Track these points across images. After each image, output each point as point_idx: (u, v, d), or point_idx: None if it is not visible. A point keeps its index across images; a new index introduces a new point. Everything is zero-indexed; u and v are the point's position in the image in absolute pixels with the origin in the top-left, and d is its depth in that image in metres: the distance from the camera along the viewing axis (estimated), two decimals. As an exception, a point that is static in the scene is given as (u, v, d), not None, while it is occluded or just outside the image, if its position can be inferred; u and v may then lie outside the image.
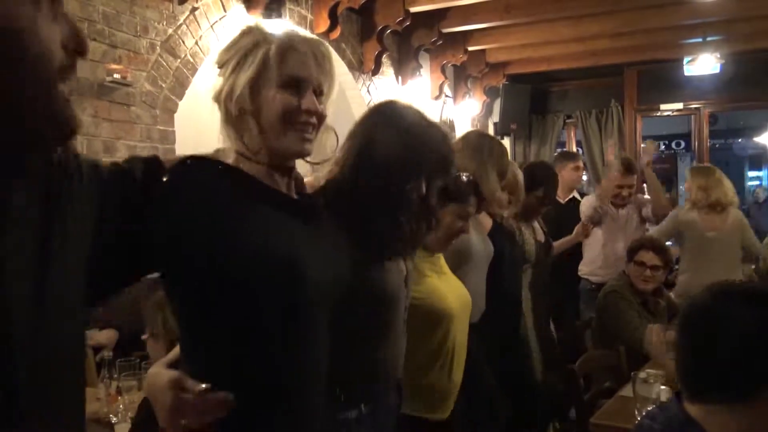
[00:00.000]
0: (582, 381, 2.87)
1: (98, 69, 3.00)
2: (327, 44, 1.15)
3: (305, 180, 1.89)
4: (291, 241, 1.07)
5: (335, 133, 1.21)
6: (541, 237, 3.21)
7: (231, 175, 1.08)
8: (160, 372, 1.07)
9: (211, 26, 3.65)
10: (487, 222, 2.57)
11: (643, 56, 6.31)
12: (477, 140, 2.43)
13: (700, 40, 5.92)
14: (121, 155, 3.09)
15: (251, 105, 1.08)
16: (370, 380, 1.38)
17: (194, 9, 3.53)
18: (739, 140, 12.10)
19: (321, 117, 1.13)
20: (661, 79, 6.60)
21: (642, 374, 2.09)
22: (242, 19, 3.83)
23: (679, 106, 6.81)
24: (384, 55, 5.18)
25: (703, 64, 6.00)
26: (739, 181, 12.26)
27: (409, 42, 5.46)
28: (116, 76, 3.04)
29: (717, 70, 6.01)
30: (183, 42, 3.45)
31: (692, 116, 6.97)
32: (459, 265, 2.15)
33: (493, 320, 2.32)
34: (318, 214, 1.19)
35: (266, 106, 1.08)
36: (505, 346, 2.51)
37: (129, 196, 0.95)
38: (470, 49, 5.90)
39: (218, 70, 1.12)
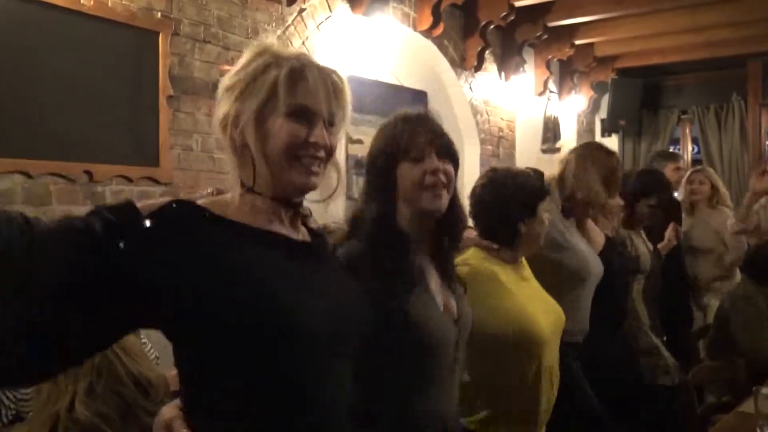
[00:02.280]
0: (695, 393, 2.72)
1: (212, 70, 3.16)
2: (340, 73, 1.09)
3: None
4: (285, 287, 0.97)
5: (340, 171, 1.11)
6: (650, 245, 3.06)
7: (217, 223, 0.98)
8: (166, 411, 1.05)
9: (317, 26, 3.75)
10: (600, 239, 2.47)
11: (768, 47, 5.85)
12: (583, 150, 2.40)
13: (836, 27, 5.41)
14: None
15: (256, 134, 0.99)
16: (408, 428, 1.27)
17: (302, 10, 3.64)
18: None
19: (330, 151, 1.05)
20: (788, 71, 6.09)
21: (766, 389, 1.94)
22: (347, 18, 3.91)
23: (809, 99, 6.26)
24: (486, 51, 5.11)
25: (841, 53, 5.48)
26: None
27: (512, 37, 5.35)
28: (228, 76, 3.19)
29: None
30: (291, 42, 3.57)
31: (824, 111, 6.39)
32: (573, 285, 2.09)
33: (598, 335, 2.23)
34: (323, 254, 1.12)
35: (272, 137, 1.00)
36: (606, 361, 2.41)
37: (83, 253, 0.84)
38: (577, 42, 5.69)
39: (225, 93, 1.03)
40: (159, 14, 2.94)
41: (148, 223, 0.91)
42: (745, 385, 2.40)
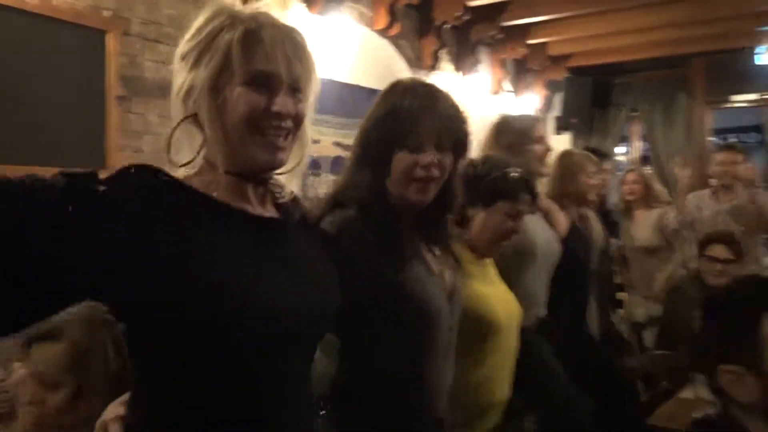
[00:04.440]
0: (641, 381, 2.83)
1: (164, 70, 3.12)
2: (301, 32, 0.97)
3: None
4: (244, 267, 0.88)
5: (307, 138, 1.01)
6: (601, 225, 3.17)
7: (180, 190, 0.89)
8: (110, 409, 1.00)
9: (272, 26, 3.73)
10: (563, 223, 2.53)
11: (712, 46, 6.05)
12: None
13: (774, 27, 5.65)
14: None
15: (211, 106, 0.90)
16: (403, 409, 1.23)
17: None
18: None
19: (298, 120, 0.95)
20: (731, 69, 6.32)
21: (703, 376, 2.03)
22: (303, 17, 3.90)
23: (752, 97, 6.50)
24: (442, 51, 5.16)
25: (778, 53, 5.72)
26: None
27: (468, 36, 5.42)
28: (181, 76, 3.15)
29: (793, 59, 5.71)
30: (244, 42, 3.55)
31: (765, 108, 6.65)
32: (520, 265, 2.10)
33: (561, 323, 2.28)
34: (293, 232, 1.02)
35: (229, 108, 0.90)
36: (569, 347, 2.48)
37: (41, 210, 0.78)
38: (531, 42, 5.80)
39: (180, 63, 0.94)
40: (107, 13, 2.89)
41: (102, 188, 0.83)
42: (687, 373, 2.49)
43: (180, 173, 0.94)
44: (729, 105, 6.76)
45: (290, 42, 0.94)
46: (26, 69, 2.57)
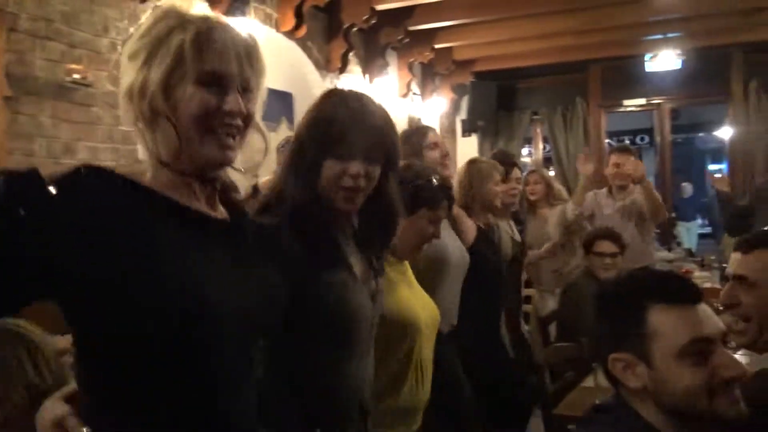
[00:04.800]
0: (548, 374, 2.94)
1: (57, 69, 2.94)
2: (253, 34, 1.01)
3: (263, 180, 1.81)
4: (196, 267, 0.91)
5: (265, 134, 1.05)
6: (517, 236, 3.26)
7: (131, 190, 0.91)
8: (52, 405, 0.97)
9: (174, 25, 3.61)
10: (471, 229, 2.58)
11: (606, 53, 6.43)
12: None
13: (660, 36, 6.07)
14: (82, 157, 3.03)
15: (165, 105, 0.92)
16: (329, 405, 1.28)
17: (156, 7, 3.48)
18: (701, 135, 12.39)
19: (247, 118, 0.98)
20: (623, 75, 6.74)
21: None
22: (206, 17, 3.80)
23: (642, 101, 6.96)
24: (350, 54, 5.18)
25: (664, 60, 6.14)
26: (700, 174, 12.55)
27: (375, 40, 5.46)
28: (76, 76, 2.99)
29: (678, 66, 6.15)
30: (145, 41, 3.41)
31: (654, 111, 7.13)
32: (434, 274, 2.12)
33: (474, 329, 2.33)
34: (243, 233, 1.04)
35: (181, 107, 0.93)
36: (486, 353, 2.54)
37: None
38: (437, 46, 5.93)
39: (129, 62, 0.95)
40: (-8, 8, 2.69)
41: (53, 190, 0.83)
42: (589, 363, 2.62)
43: (124, 171, 0.95)
44: (622, 109, 7.19)
45: (241, 43, 0.97)
46: None
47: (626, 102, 7.01)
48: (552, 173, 6.24)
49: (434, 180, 1.87)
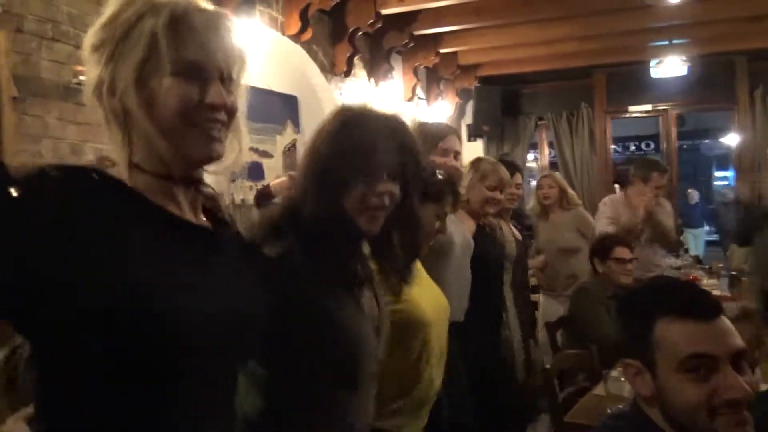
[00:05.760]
0: (557, 380, 2.91)
1: (63, 70, 2.93)
2: (229, 16, 0.91)
3: (278, 181, 1.77)
4: (170, 278, 0.83)
5: (241, 133, 0.95)
6: (518, 235, 3.24)
7: (110, 190, 0.83)
8: (12, 423, 0.95)
9: (180, 27, 3.60)
10: (470, 224, 2.56)
11: (612, 59, 6.41)
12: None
13: (666, 42, 6.05)
14: (88, 159, 3.02)
15: (138, 101, 0.83)
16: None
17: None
18: (707, 141, 12.38)
19: (231, 111, 0.89)
20: (629, 81, 6.72)
21: (614, 372, 2.11)
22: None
23: (648, 107, 6.94)
24: (356, 57, 5.17)
25: (670, 66, 6.12)
26: (706, 181, 12.54)
27: (380, 44, 5.46)
28: (82, 78, 2.97)
29: (684, 72, 6.13)
30: (151, 43, 3.40)
31: (660, 117, 7.11)
32: (438, 260, 2.10)
33: (477, 321, 2.30)
34: (224, 243, 0.96)
35: (159, 102, 0.83)
36: (486, 347, 2.51)
37: None
38: (442, 51, 5.92)
39: (93, 54, 0.86)
40: (-1, 9, 2.69)
41: (14, 192, 0.76)
42: (599, 370, 2.59)
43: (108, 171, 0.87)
44: (628, 115, 7.17)
45: (222, 27, 0.88)
46: None
47: (632, 108, 6.99)
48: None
49: (439, 174, 1.84)
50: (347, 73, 5.12)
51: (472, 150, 6.90)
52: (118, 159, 0.86)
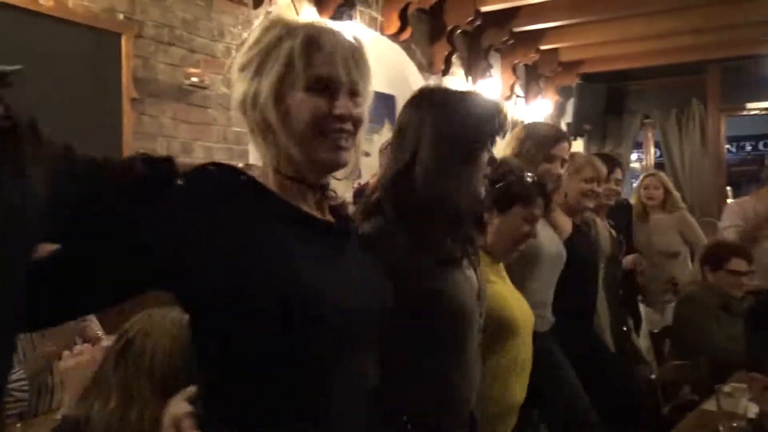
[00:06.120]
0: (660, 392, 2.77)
1: (177, 73, 3.11)
2: (359, 37, 1.02)
3: (373, 181, 1.81)
4: (313, 266, 0.93)
5: (357, 143, 1.04)
6: (613, 232, 3.11)
7: (254, 190, 0.95)
8: (175, 404, 1.00)
9: (284, 30, 3.72)
10: (567, 225, 2.49)
11: (727, 53, 6.00)
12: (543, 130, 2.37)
13: (790, 34, 5.60)
14: (198, 156, 3.19)
15: (276, 112, 0.94)
16: (441, 409, 1.26)
17: (268, 13, 3.61)
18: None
19: (357, 122, 0.99)
20: (747, 76, 6.26)
21: (727, 388, 1.99)
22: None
23: (767, 104, 6.45)
24: (454, 56, 5.14)
25: (794, 59, 5.67)
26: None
27: (479, 42, 5.40)
28: (194, 79, 3.15)
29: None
30: (257, 46, 3.54)
31: (781, 115, 6.59)
32: (524, 270, 2.05)
33: (570, 327, 2.24)
34: (349, 237, 1.06)
35: (293, 113, 0.94)
36: (580, 355, 2.43)
37: (115, 190, 0.87)
38: (542, 48, 5.78)
39: (240, 73, 0.98)
40: (121, 16, 2.88)
41: (179, 182, 0.89)
42: (708, 384, 2.44)
43: (252, 172, 0.99)
44: (745, 112, 6.69)
45: (349, 46, 0.98)
46: (42, 71, 2.56)
47: (749, 105, 6.51)
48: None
49: (527, 177, 1.82)
50: (445, 72, 5.11)
51: (572, 150, 6.70)
52: (259, 161, 0.99)
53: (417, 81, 4.94)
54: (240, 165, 1.03)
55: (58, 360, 1.76)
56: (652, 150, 7.11)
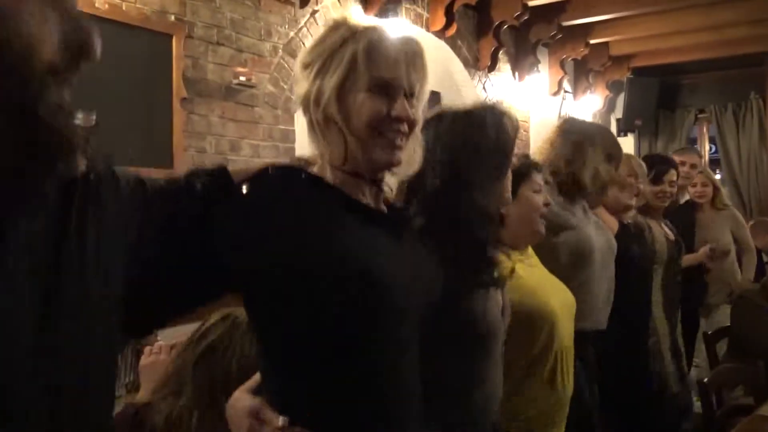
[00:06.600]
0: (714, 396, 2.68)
1: (225, 72, 3.17)
2: (419, 41, 1.06)
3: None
4: (378, 256, 0.98)
5: (419, 142, 1.09)
6: (671, 236, 3.02)
7: (316, 186, 1.01)
8: (241, 397, 1.03)
9: (330, 28, 3.75)
10: (612, 223, 2.44)
11: (788, 44, 5.76)
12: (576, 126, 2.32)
13: None
14: (245, 154, 3.25)
15: (338, 111, 0.98)
16: (464, 422, 1.28)
17: (314, 12, 3.65)
18: None
19: (413, 123, 1.03)
20: (809, 68, 6.00)
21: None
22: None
23: (832, 97, 6.16)
24: (500, 51, 5.09)
25: None
26: None
27: (526, 37, 5.32)
28: (242, 78, 3.21)
29: None
30: (304, 44, 3.57)
31: None
32: (577, 265, 2.02)
33: (617, 327, 2.19)
34: (407, 229, 1.11)
35: (354, 113, 0.98)
36: (630, 354, 2.37)
37: (185, 212, 0.90)
38: (592, 42, 5.66)
39: (303, 71, 1.02)
40: (172, 17, 2.95)
41: (245, 189, 0.95)
42: (764, 388, 2.36)
43: (311, 169, 1.04)
44: (807, 106, 6.41)
45: (409, 50, 1.03)
46: (97, 72, 2.65)
47: (812, 98, 6.24)
48: (718, 176, 5.70)
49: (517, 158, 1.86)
50: (491, 68, 5.06)
51: (624, 147, 6.53)
52: (317, 159, 1.04)
53: (462, 77, 4.91)
54: (294, 159, 1.09)
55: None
56: (707, 146, 6.88)
